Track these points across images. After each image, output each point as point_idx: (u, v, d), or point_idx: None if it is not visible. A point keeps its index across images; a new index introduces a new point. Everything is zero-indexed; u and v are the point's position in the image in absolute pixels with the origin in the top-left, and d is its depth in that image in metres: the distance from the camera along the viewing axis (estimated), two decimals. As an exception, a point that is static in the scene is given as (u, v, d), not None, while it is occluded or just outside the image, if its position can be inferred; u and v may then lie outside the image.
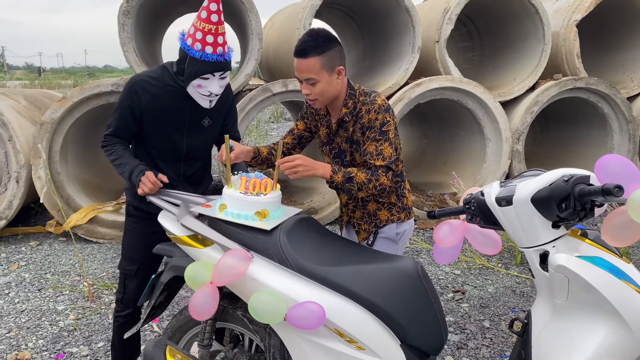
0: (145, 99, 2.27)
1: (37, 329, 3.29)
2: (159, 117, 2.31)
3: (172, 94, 2.28)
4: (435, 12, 5.88)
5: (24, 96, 5.83)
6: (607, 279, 1.50)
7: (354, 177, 2.03)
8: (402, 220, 2.28)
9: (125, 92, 2.30)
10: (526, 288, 3.93)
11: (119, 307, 2.51)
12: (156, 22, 6.85)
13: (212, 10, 2.10)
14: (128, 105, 2.28)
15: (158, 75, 2.30)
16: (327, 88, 2.09)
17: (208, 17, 2.11)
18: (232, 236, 1.90)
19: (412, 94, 5.33)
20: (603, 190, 1.37)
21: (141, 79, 2.29)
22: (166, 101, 2.29)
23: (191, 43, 2.15)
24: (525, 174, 1.77)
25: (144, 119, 2.32)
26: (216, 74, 2.20)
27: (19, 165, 4.80)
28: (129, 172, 2.25)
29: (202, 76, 2.18)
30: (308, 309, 1.68)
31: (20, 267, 4.32)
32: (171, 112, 2.32)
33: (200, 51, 2.14)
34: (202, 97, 2.26)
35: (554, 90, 5.71)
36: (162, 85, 2.28)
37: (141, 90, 2.27)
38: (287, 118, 15.64)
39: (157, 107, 2.29)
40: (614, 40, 6.89)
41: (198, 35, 2.13)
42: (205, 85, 2.22)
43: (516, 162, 5.77)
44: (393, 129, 2.11)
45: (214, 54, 2.15)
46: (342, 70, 2.10)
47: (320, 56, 2.02)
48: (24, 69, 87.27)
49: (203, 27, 2.12)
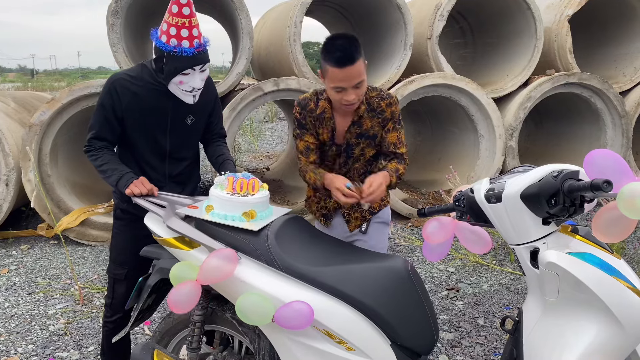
0: (125, 98, 2.23)
1: (26, 334, 3.26)
2: (140, 116, 2.27)
3: (153, 92, 2.24)
4: (427, 9, 5.86)
5: (13, 98, 5.78)
6: (597, 275, 1.48)
7: (400, 173, 2.22)
8: (388, 203, 2.42)
9: (105, 91, 2.24)
10: (520, 285, 3.91)
11: (108, 312, 2.48)
12: (146, 22, 6.79)
13: (183, 3, 2.06)
14: (109, 104, 2.23)
15: (137, 74, 2.25)
16: (365, 85, 2.12)
17: (179, 10, 2.06)
18: (219, 237, 1.87)
19: (404, 91, 5.31)
20: (592, 186, 1.35)
21: (120, 77, 2.24)
22: (147, 100, 2.25)
23: (166, 40, 2.10)
24: (515, 170, 1.74)
25: (125, 118, 2.27)
26: (196, 67, 2.16)
27: (8, 169, 4.75)
28: (118, 178, 2.20)
29: (182, 72, 2.14)
30: (296, 309, 1.66)
31: (10, 271, 4.28)
32: (153, 110, 2.27)
33: (178, 47, 2.09)
34: (184, 94, 2.22)
35: (547, 86, 5.70)
36: (142, 83, 2.24)
37: (121, 89, 2.22)
38: (281, 117, 15.60)
39: (138, 106, 2.25)
40: (606, 35, 6.89)
41: (172, 31, 2.08)
42: (187, 80, 2.18)
43: (510, 158, 5.76)
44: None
45: (191, 47, 2.11)
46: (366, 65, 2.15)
47: (362, 58, 2.04)
48: (17, 71, 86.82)
49: (176, 22, 2.07)
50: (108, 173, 2.24)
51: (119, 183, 2.20)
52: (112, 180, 2.23)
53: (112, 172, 2.23)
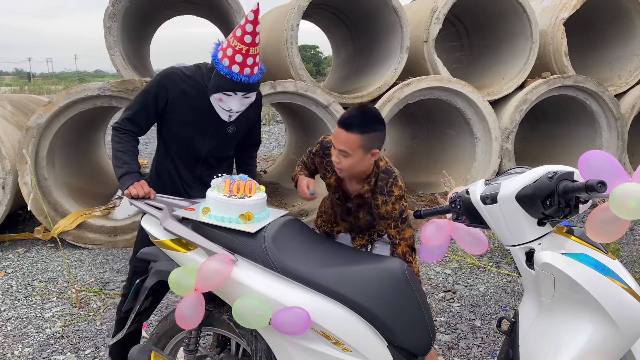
0: (173, 92, 2.28)
1: (23, 337, 3.25)
2: (184, 114, 2.32)
3: (202, 94, 2.28)
4: (423, 12, 5.89)
5: (9, 101, 5.77)
6: (592, 276, 1.49)
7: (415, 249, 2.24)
8: None
9: (155, 81, 2.31)
10: (517, 287, 3.92)
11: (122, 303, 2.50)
12: (143, 25, 6.81)
13: (247, 30, 2.09)
14: (154, 93, 2.29)
15: (192, 73, 2.30)
16: (357, 165, 2.11)
17: (242, 36, 2.10)
18: (216, 239, 1.87)
19: (401, 94, 5.32)
20: (586, 187, 1.36)
21: (174, 72, 2.30)
22: (194, 100, 2.29)
23: (221, 57, 2.15)
24: (511, 172, 1.76)
25: (168, 112, 2.32)
26: (238, 93, 2.20)
27: (4, 172, 4.75)
28: (123, 172, 2.24)
29: (223, 92, 2.19)
30: (293, 314, 1.66)
31: (7, 275, 4.26)
32: (198, 111, 2.31)
33: (227, 68, 2.13)
34: (221, 110, 2.27)
35: (543, 89, 5.73)
36: (193, 83, 2.28)
37: (170, 84, 2.28)
38: (278, 120, 15.61)
39: (185, 104, 2.30)
40: (601, 38, 6.93)
41: (228, 52, 2.13)
42: (226, 100, 2.22)
43: (506, 160, 5.78)
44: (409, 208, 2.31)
45: (240, 74, 2.14)
46: (376, 154, 2.11)
47: (362, 135, 2.02)
48: (14, 74, 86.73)
49: (235, 45, 2.11)
50: (119, 162, 2.28)
51: (122, 179, 2.23)
52: (119, 172, 2.26)
53: (123, 163, 2.27)
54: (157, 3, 6.30)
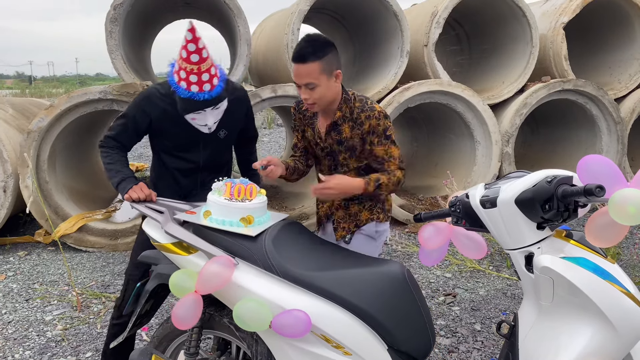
0: (155, 113, 2.28)
1: (24, 340, 3.25)
2: (172, 130, 2.32)
3: None
4: (424, 16, 5.90)
5: (11, 105, 5.79)
6: (591, 279, 1.50)
7: (382, 184, 2.13)
8: (381, 220, 2.35)
9: (135, 104, 2.32)
10: (517, 290, 3.93)
11: (115, 313, 2.49)
12: (145, 29, 6.83)
13: (191, 50, 2.05)
14: (133, 116, 2.30)
15: (167, 91, 2.27)
16: (326, 92, 2.10)
17: (188, 57, 2.06)
18: (216, 243, 1.88)
19: (401, 98, 5.34)
20: (585, 191, 1.37)
21: (152, 94, 2.30)
22: (177, 117, 2.27)
23: (177, 80, 2.12)
24: (510, 176, 1.77)
25: (155, 131, 2.33)
26: (207, 109, 2.19)
27: (6, 175, 4.76)
28: (119, 180, 2.25)
29: (192, 112, 2.19)
30: (294, 317, 1.67)
31: (7, 278, 4.27)
32: (184, 126, 2.30)
33: (187, 90, 2.11)
34: (199, 127, 2.27)
35: (543, 93, 5.74)
36: (171, 101, 2.27)
37: (150, 106, 2.28)
38: (279, 124, 15.63)
39: (169, 121, 2.30)
40: (601, 42, 6.95)
41: (182, 75, 2.10)
42: (199, 118, 2.22)
43: (506, 164, 5.79)
44: (394, 132, 2.19)
45: (200, 92, 2.12)
46: (339, 74, 2.12)
47: (320, 61, 2.03)
48: (15, 77, 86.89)
49: (185, 67, 2.08)
50: (112, 173, 2.29)
51: (119, 186, 2.24)
52: (114, 181, 2.27)
53: (116, 173, 2.29)
54: (158, 7, 6.33)
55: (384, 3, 5.45)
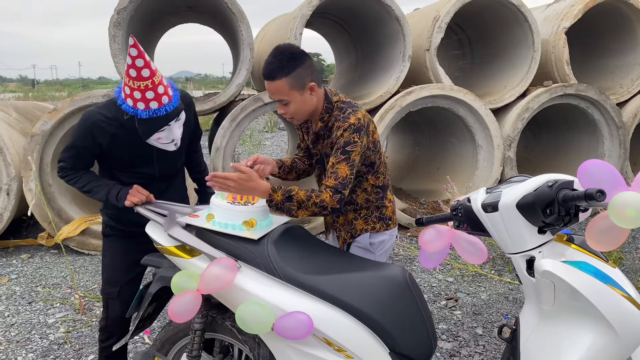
0: (104, 139, 2.16)
1: (27, 343, 3.26)
2: (123, 153, 2.22)
3: (132, 130, 2.12)
4: (426, 21, 5.92)
5: (14, 108, 5.81)
6: (592, 284, 1.50)
7: (293, 196, 1.91)
8: (378, 230, 2.23)
9: (80, 132, 2.16)
10: (519, 295, 3.93)
11: (103, 335, 2.41)
12: (148, 33, 6.86)
13: (140, 66, 1.94)
14: (83, 146, 2.18)
15: (113, 115, 2.14)
16: (301, 107, 2.05)
17: (139, 74, 1.95)
18: (219, 246, 1.89)
19: (403, 102, 5.35)
20: (586, 195, 1.38)
21: (97, 119, 2.14)
22: (128, 138, 2.17)
23: (132, 104, 2.01)
24: (512, 180, 1.77)
25: (107, 156, 2.22)
26: (171, 123, 2.09)
27: (9, 178, 4.78)
28: (107, 192, 2.19)
29: (156, 132, 2.09)
30: (296, 319, 1.68)
31: (10, 280, 4.29)
32: (136, 146, 2.20)
33: (146, 110, 2.01)
34: (165, 145, 2.17)
35: (545, 97, 5.75)
36: (119, 124, 2.14)
37: (98, 132, 2.14)
38: (281, 127, 15.66)
39: (120, 144, 2.18)
40: (603, 47, 6.96)
41: (137, 95, 1.98)
42: (165, 135, 2.12)
43: (508, 168, 5.79)
44: (359, 150, 1.99)
45: (160, 107, 2.02)
46: (314, 87, 2.04)
47: (287, 77, 1.97)
48: (18, 81, 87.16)
49: (138, 86, 1.97)
50: (94, 191, 2.21)
51: (110, 196, 2.18)
52: (101, 195, 2.20)
53: (97, 188, 2.21)
54: (161, 11, 6.36)
55: (386, 8, 5.47)
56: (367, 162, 2.15)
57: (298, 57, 2.00)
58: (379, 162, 2.19)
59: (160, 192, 2.36)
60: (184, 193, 2.57)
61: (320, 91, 2.10)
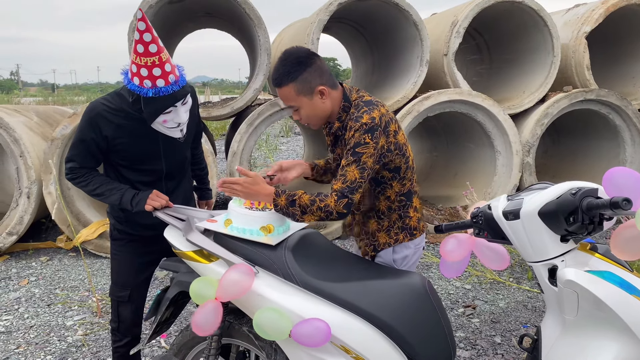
0: (109, 131, 2.13)
1: (45, 345, 3.29)
2: (129, 146, 2.18)
3: (137, 121, 2.12)
4: (444, 26, 5.89)
5: (35, 112, 5.90)
6: (617, 294, 1.47)
7: (296, 200, 1.86)
8: (401, 241, 2.08)
9: (85, 125, 2.13)
10: (538, 303, 3.87)
11: (116, 337, 2.42)
12: (166, 38, 6.92)
13: (147, 41, 1.90)
14: (90, 138, 2.13)
15: (117, 106, 2.13)
16: (312, 112, 1.98)
17: (146, 49, 1.91)
18: (237, 251, 1.89)
19: (420, 107, 5.32)
20: (611, 204, 1.35)
21: (102, 109, 2.12)
22: (133, 130, 2.15)
23: (139, 82, 1.97)
24: (533, 187, 1.74)
25: (112, 150, 2.18)
26: (177, 103, 2.06)
27: (30, 181, 4.85)
28: (120, 196, 2.16)
29: (164, 112, 2.04)
30: (313, 326, 1.67)
31: (30, 283, 4.34)
32: (142, 139, 2.18)
33: (153, 87, 1.97)
34: (171, 130, 2.13)
35: (564, 103, 5.68)
36: (124, 114, 2.13)
37: (103, 122, 2.11)
38: (296, 132, 15.69)
39: (125, 136, 2.16)
40: (624, 52, 6.85)
41: (143, 72, 1.94)
42: (171, 118, 2.08)
43: (527, 174, 5.72)
44: (371, 151, 1.87)
45: (167, 85, 1.98)
46: (324, 90, 1.95)
47: (294, 83, 1.91)
48: (38, 85, 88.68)
49: (145, 62, 1.93)
50: (106, 194, 2.18)
51: (124, 200, 2.15)
52: (114, 199, 2.17)
53: (109, 192, 2.17)
54: (179, 17, 6.41)
55: (403, 13, 5.46)
56: (390, 166, 2.00)
57: (304, 61, 1.93)
58: (405, 167, 2.04)
59: (169, 191, 2.33)
60: (190, 194, 2.57)
61: (335, 92, 2.00)
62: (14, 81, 68.92)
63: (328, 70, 2.01)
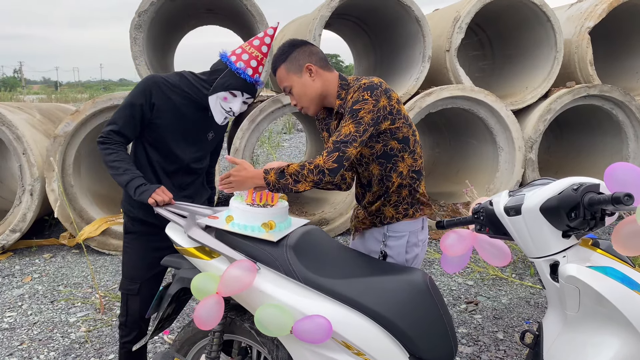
0: (159, 99, 2.27)
1: (49, 341, 3.31)
2: (169, 121, 2.30)
3: (188, 101, 2.31)
4: (446, 22, 5.87)
5: (38, 110, 5.91)
6: (619, 289, 1.46)
7: (284, 170, 1.85)
8: (410, 216, 2.05)
9: (139, 90, 2.27)
10: (541, 299, 3.86)
11: (123, 331, 2.44)
12: (168, 35, 6.93)
13: (266, 42, 2.29)
14: (140, 104, 2.25)
15: (175, 82, 2.31)
16: (303, 90, 2.04)
17: (260, 46, 2.28)
18: (238, 248, 1.89)
19: (423, 103, 5.31)
20: (613, 199, 1.34)
21: (159, 80, 2.29)
22: (180, 107, 2.31)
23: (235, 60, 2.25)
24: (535, 183, 1.74)
25: (154, 119, 2.29)
26: (245, 94, 2.29)
27: (32, 179, 4.86)
28: (129, 179, 2.19)
29: (231, 90, 2.26)
30: (315, 323, 1.67)
31: (33, 279, 4.36)
32: (183, 120, 2.33)
33: (241, 69, 2.24)
34: (220, 111, 2.31)
35: (567, 98, 5.66)
36: (179, 91, 2.30)
37: (156, 91, 2.27)
38: (299, 129, 15.68)
39: (170, 111, 2.30)
40: (628, 47, 6.82)
41: (244, 57, 2.25)
42: (230, 100, 2.29)
43: (529, 171, 5.71)
44: (370, 107, 1.84)
45: (252, 76, 2.27)
46: (310, 67, 2.01)
47: (284, 63, 2.05)
48: (41, 83, 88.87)
49: (252, 52, 2.26)
50: (120, 171, 2.22)
51: (130, 184, 2.18)
52: (124, 179, 2.21)
53: (124, 171, 2.22)
54: (181, 14, 6.41)
55: (405, 8, 5.44)
56: (399, 135, 1.97)
57: (296, 44, 2.07)
58: (413, 140, 2.02)
59: (182, 186, 2.43)
60: (200, 200, 2.58)
61: (327, 74, 2.05)
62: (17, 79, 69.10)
63: (321, 55, 2.10)
